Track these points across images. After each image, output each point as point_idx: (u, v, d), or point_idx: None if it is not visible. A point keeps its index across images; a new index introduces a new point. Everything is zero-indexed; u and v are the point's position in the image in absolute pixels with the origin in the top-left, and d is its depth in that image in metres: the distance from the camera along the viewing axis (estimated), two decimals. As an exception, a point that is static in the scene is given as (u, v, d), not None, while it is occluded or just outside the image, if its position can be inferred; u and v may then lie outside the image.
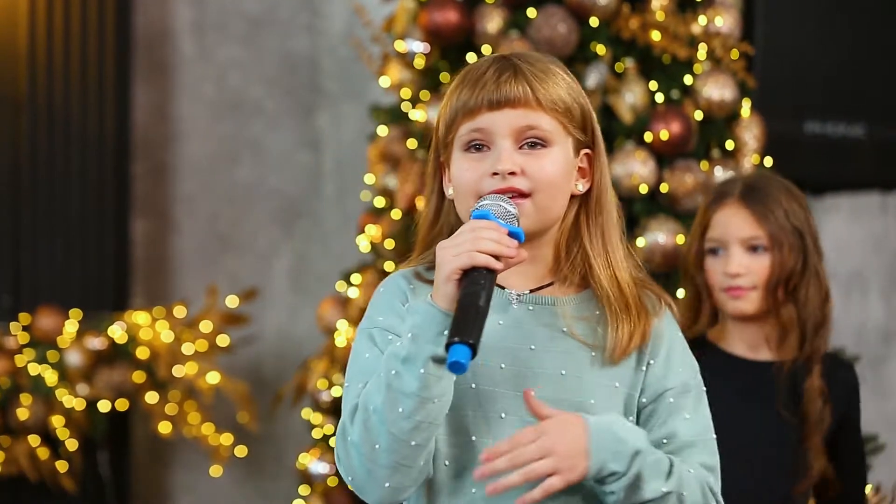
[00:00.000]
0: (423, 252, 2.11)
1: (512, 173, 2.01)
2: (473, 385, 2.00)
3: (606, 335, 2.05)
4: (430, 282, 2.03)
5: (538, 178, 2.02)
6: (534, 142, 2.04)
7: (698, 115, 3.97)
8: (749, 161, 4.02)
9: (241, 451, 4.90)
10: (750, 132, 4.05)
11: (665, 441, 2.06)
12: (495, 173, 2.01)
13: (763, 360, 2.93)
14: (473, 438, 2.00)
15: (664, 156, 3.93)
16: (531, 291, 2.07)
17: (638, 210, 3.89)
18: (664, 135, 3.90)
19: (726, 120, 4.04)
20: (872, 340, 5.33)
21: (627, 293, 2.07)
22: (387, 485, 1.94)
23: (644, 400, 2.07)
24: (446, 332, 1.88)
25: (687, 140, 3.93)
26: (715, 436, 2.10)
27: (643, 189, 3.87)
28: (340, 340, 4.23)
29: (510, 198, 2.00)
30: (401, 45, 4.15)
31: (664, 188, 3.92)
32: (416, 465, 1.94)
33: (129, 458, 4.94)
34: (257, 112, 5.34)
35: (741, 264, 2.89)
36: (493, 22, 4.00)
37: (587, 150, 2.10)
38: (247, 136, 5.33)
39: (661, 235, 3.85)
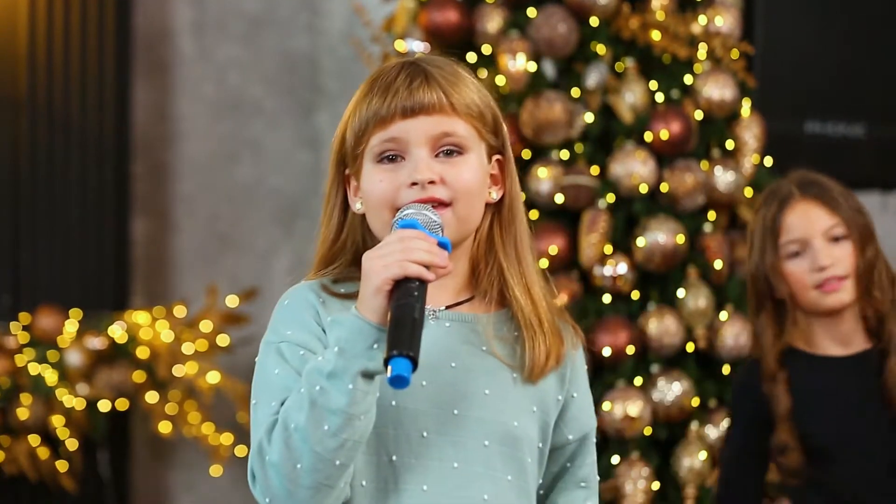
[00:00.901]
0: (324, 268, 2.02)
1: (431, 182, 1.92)
2: (394, 402, 1.91)
3: (524, 356, 1.97)
4: (340, 295, 1.97)
5: (457, 186, 1.94)
6: (450, 149, 1.95)
7: (698, 115, 3.97)
8: (749, 161, 4.02)
9: (241, 450, 4.90)
10: (750, 132, 4.05)
11: (583, 484, 2.04)
12: (414, 183, 1.92)
13: (855, 352, 2.92)
14: (394, 458, 1.92)
15: (664, 155, 3.93)
16: (448, 307, 1.99)
17: (638, 210, 3.89)
18: (664, 134, 3.90)
19: (726, 120, 4.04)
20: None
21: (540, 308, 1.99)
22: None
23: (570, 436, 2.03)
24: (376, 346, 1.81)
25: (687, 140, 3.93)
26: None
27: (643, 189, 3.87)
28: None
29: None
30: (401, 45, 4.15)
31: (664, 188, 3.92)
32: (337, 485, 1.85)
33: (129, 457, 4.94)
34: (257, 112, 5.34)
35: (830, 255, 2.87)
36: (493, 22, 4.00)
37: (498, 156, 2.02)
38: (247, 136, 5.33)
39: (661, 235, 3.85)
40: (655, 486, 3.77)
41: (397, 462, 1.91)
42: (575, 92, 3.92)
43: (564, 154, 3.91)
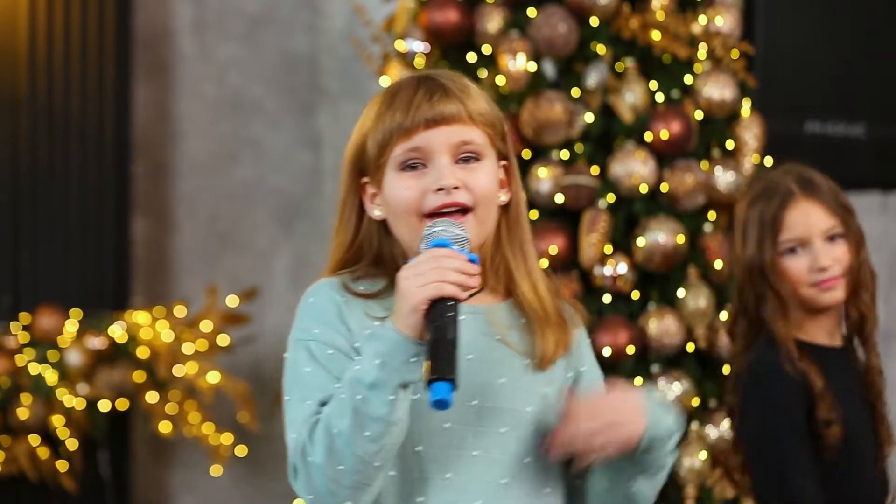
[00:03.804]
0: (339, 270, 2.13)
1: (456, 188, 2.05)
2: (415, 396, 2.00)
3: (534, 343, 2.11)
4: (360, 294, 2.08)
5: (477, 191, 2.07)
6: (468, 156, 2.08)
7: (698, 115, 3.97)
8: (749, 161, 4.02)
9: (241, 450, 4.90)
10: (750, 132, 4.05)
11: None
12: (440, 189, 2.05)
13: (838, 345, 2.98)
14: (418, 449, 2.04)
15: (664, 155, 3.93)
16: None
17: (638, 210, 3.89)
18: (664, 134, 3.90)
19: (726, 120, 4.04)
20: (872, 340, 5.33)
21: (545, 301, 2.12)
22: (348, 503, 1.98)
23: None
24: (413, 359, 1.93)
25: (687, 140, 3.93)
26: None
27: (643, 189, 3.87)
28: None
29: (454, 212, 2.05)
30: (401, 45, 4.15)
31: (664, 188, 3.92)
32: (375, 483, 1.99)
33: (129, 457, 4.94)
34: (257, 111, 5.34)
35: (829, 255, 2.91)
36: (493, 22, 4.00)
37: (504, 162, 2.14)
38: (247, 136, 5.33)
39: (661, 235, 3.85)
40: (655, 486, 3.76)
41: (422, 453, 2.04)
42: (575, 92, 3.92)
43: (564, 154, 3.91)
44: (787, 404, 2.91)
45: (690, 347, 3.89)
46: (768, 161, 4.04)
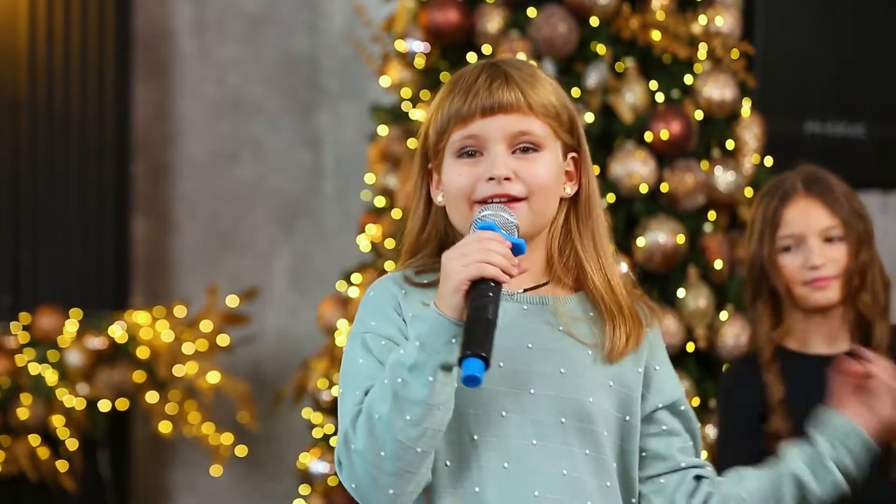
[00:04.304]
0: (411, 258, 2.13)
1: (507, 178, 2.04)
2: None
3: (603, 335, 2.08)
4: (421, 285, 2.08)
5: (532, 182, 2.05)
6: (526, 146, 2.06)
7: (698, 115, 3.98)
8: (749, 161, 4.02)
9: (241, 450, 4.90)
10: (750, 132, 4.06)
11: (688, 444, 2.14)
12: (491, 178, 2.04)
13: (842, 352, 2.94)
14: (475, 437, 2.01)
15: (664, 155, 3.93)
16: (525, 290, 2.09)
17: (638, 210, 3.89)
18: (664, 134, 3.90)
19: (726, 120, 4.04)
20: (872, 340, 5.33)
21: (620, 295, 2.10)
22: (391, 491, 1.96)
23: (659, 404, 2.12)
24: (454, 340, 1.91)
25: (687, 140, 3.93)
26: None
27: (643, 189, 3.87)
28: (341, 340, 4.24)
29: (505, 202, 2.03)
30: (401, 45, 4.15)
31: (664, 188, 3.92)
32: (419, 471, 1.96)
33: (129, 457, 4.94)
34: (257, 111, 5.34)
35: (823, 255, 2.91)
36: (493, 22, 4.00)
37: (573, 154, 2.13)
38: (247, 136, 5.33)
39: (661, 235, 3.86)
40: (655, 486, 3.77)
41: (479, 441, 2.01)
42: (575, 92, 3.92)
43: (564, 154, 3.91)
44: (730, 415, 2.95)
45: (690, 347, 3.89)
46: (768, 161, 4.05)
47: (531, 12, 3.96)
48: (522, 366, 2.02)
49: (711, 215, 3.97)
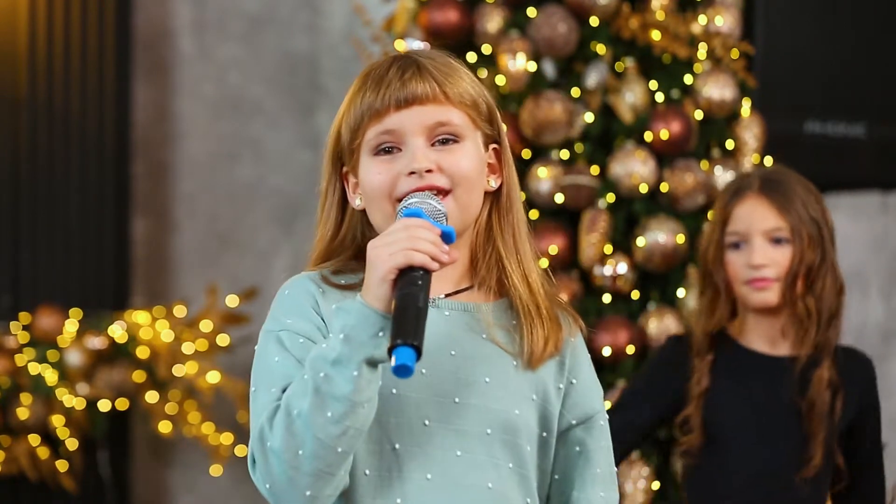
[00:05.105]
0: (321, 264, 2.04)
1: (429, 171, 1.94)
2: (395, 390, 1.92)
3: (524, 344, 1.99)
4: (340, 286, 1.99)
5: (455, 173, 1.95)
6: (445, 138, 1.97)
7: (698, 115, 3.97)
8: (749, 161, 4.02)
9: (241, 450, 4.90)
10: (750, 132, 4.05)
11: (598, 470, 2.06)
12: (412, 172, 1.94)
13: (782, 354, 2.97)
14: (397, 446, 1.92)
15: (664, 155, 3.93)
16: (447, 296, 2.01)
17: (638, 210, 3.89)
18: (664, 134, 3.90)
19: (726, 119, 4.04)
20: (872, 340, 5.33)
21: (538, 295, 2.01)
22: (308, 493, 1.85)
23: (573, 421, 2.03)
24: (381, 334, 1.82)
25: (687, 140, 3.93)
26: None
27: (643, 189, 3.87)
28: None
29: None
30: (401, 45, 4.15)
31: (664, 188, 3.92)
32: (338, 473, 1.86)
33: (129, 457, 4.94)
34: (257, 111, 5.34)
35: (765, 256, 2.91)
36: (493, 22, 3.99)
37: (495, 146, 2.04)
38: (247, 135, 5.33)
39: (661, 235, 3.85)
40: (655, 485, 3.77)
41: (400, 450, 1.92)
42: (575, 92, 3.92)
43: (564, 154, 3.91)
44: (660, 384, 3.00)
45: (690, 347, 3.89)
46: (768, 161, 4.04)
47: (531, 12, 3.96)
48: (446, 373, 1.93)
49: (711, 215, 3.97)
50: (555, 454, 2.03)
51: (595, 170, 3.91)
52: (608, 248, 3.85)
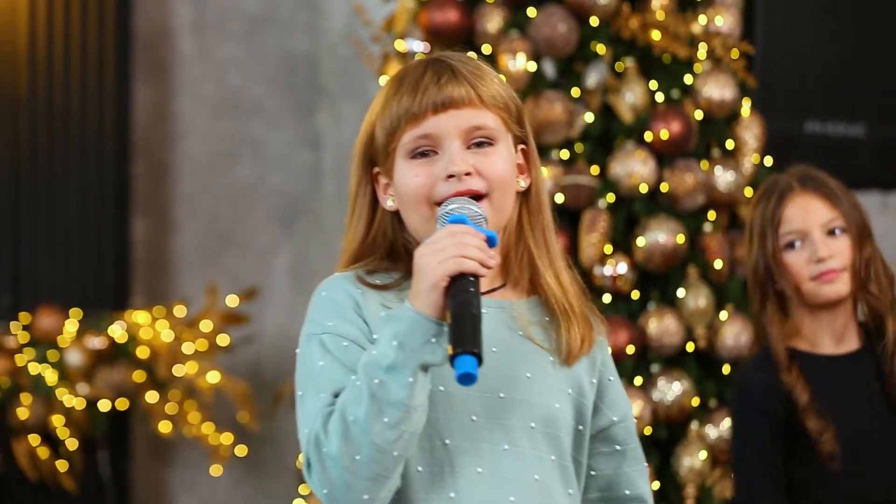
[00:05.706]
0: (352, 265, 2.06)
1: (468, 174, 1.97)
2: (442, 388, 1.95)
3: (560, 340, 2.04)
4: (376, 286, 2.01)
5: (491, 176, 1.99)
6: (481, 141, 2.00)
7: (698, 115, 3.98)
8: (749, 161, 4.02)
9: (241, 450, 4.90)
10: (750, 132, 4.05)
11: (640, 467, 2.11)
12: (451, 176, 1.97)
13: (851, 350, 2.93)
14: (447, 442, 1.96)
15: (664, 155, 3.93)
16: (483, 294, 1.98)
17: (638, 210, 3.89)
18: (664, 134, 3.90)
19: (726, 119, 4.04)
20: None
21: (571, 295, 2.06)
22: (365, 496, 1.89)
23: (614, 417, 2.09)
24: (433, 340, 1.86)
25: (687, 139, 3.93)
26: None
27: (643, 189, 3.87)
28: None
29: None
30: (401, 45, 4.15)
31: (664, 188, 3.92)
32: (393, 476, 1.90)
33: (129, 457, 4.94)
34: (257, 111, 5.34)
35: (828, 247, 2.89)
36: (493, 21, 3.99)
37: (523, 146, 2.07)
38: (247, 136, 5.33)
39: (661, 235, 3.85)
40: (656, 485, 3.77)
41: (451, 446, 1.96)
42: (575, 92, 3.92)
43: (564, 154, 3.91)
44: (751, 418, 2.91)
45: (690, 347, 3.89)
46: (768, 161, 4.05)
47: (531, 12, 3.96)
48: (490, 369, 1.94)
49: (711, 215, 3.97)
50: (594, 451, 2.09)
51: (595, 170, 3.91)
52: (608, 248, 3.85)
